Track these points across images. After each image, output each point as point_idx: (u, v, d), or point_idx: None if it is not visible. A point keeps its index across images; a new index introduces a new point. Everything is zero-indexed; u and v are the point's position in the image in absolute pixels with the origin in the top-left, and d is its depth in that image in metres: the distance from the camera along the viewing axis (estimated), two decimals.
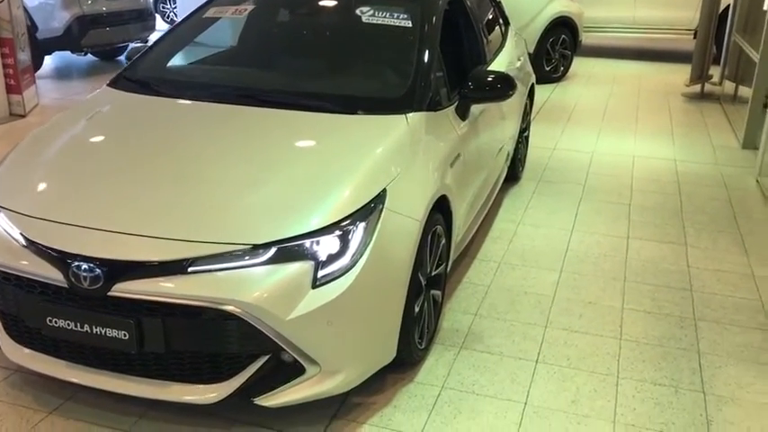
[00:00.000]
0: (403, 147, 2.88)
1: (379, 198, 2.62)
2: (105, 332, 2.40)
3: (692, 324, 3.47)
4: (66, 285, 2.41)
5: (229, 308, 2.31)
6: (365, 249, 2.51)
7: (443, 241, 3.18)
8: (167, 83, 3.41)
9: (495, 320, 3.45)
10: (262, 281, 2.35)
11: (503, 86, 3.46)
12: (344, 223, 2.49)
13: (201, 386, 2.47)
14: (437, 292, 3.22)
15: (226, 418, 2.69)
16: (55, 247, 2.43)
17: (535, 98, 5.89)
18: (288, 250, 2.41)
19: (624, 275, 3.95)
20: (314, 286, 2.42)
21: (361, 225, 2.52)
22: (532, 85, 5.40)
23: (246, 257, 2.38)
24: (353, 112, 3.06)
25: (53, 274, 2.42)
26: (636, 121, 7.29)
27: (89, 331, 2.41)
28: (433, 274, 3.11)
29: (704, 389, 2.98)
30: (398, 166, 2.78)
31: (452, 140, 3.26)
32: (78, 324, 2.42)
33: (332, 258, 2.46)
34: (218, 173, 2.66)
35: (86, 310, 2.41)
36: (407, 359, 2.96)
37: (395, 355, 2.78)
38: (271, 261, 2.39)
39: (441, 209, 3.12)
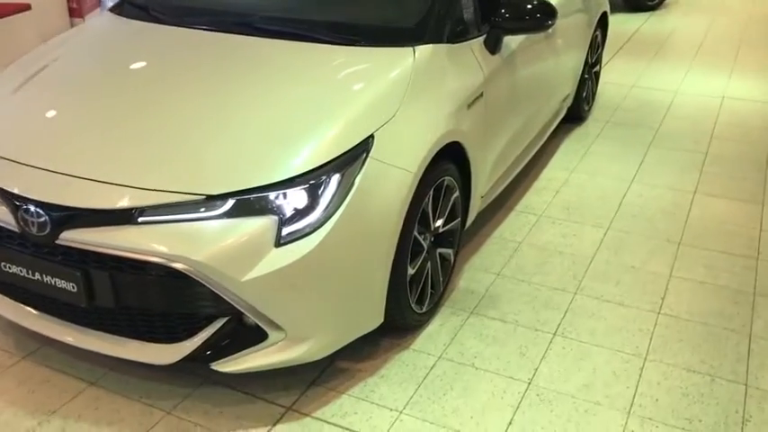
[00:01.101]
0: (403, 85, 2.50)
1: (364, 145, 2.29)
2: (55, 282, 2.22)
3: (750, 300, 2.99)
4: (17, 230, 2.23)
5: (178, 265, 2.07)
6: (340, 204, 2.20)
7: (456, 194, 2.82)
8: (164, 8, 3.12)
9: (519, 283, 3.08)
10: (216, 236, 2.09)
11: (541, 15, 2.99)
12: (315, 174, 2.18)
13: (156, 346, 2.27)
14: (447, 251, 2.88)
15: (197, 374, 2.50)
16: (4, 187, 2.25)
17: (624, 28, 5.27)
18: (247, 203, 2.14)
19: (681, 237, 3.46)
20: (277, 244, 2.14)
21: (335, 177, 2.20)
22: (604, 13, 4.79)
23: (201, 209, 2.12)
24: (354, 44, 2.69)
25: (5, 217, 2.26)
26: (735, 57, 6.49)
27: (41, 280, 2.25)
28: (441, 230, 2.77)
29: (747, 380, 2.54)
30: (394, 108, 2.42)
31: (473, 78, 2.84)
32: (30, 272, 2.26)
33: (299, 214, 2.16)
34: (184, 112, 2.39)
35: (37, 258, 2.24)
36: (401, 325, 2.67)
37: (382, 320, 2.49)
38: (228, 214, 2.12)
39: (454, 157, 2.75)
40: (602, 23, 4.84)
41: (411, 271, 2.57)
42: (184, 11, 3.10)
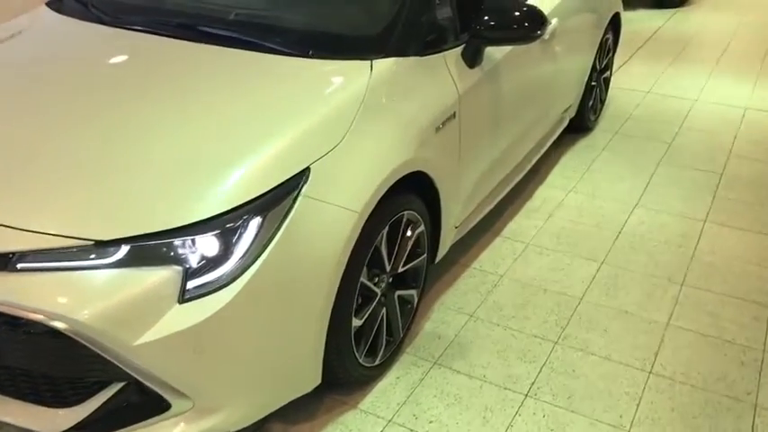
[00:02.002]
0: (353, 106, 2.13)
1: (296, 181, 1.92)
2: None
3: (758, 361, 2.59)
4: None
5: (59, 324, 1.73)
6: (261, 252, 1.85)
7: (421, 228, 2.45)
8: (103, 4, 2.76)
9: (494, 327, 2.71)
10: (106, 290, 1.75)
11: (530, 24, 2.59)
12: (230, 217, 1.82)
13: (44, 410, 1.93)
14: (409, 292, 2.52)
15: None
16: None
17: (644, 27, 4.84)
18: (145, 250, 1.79)
19: (684, 276, 3.06)
20: (181, 300, 1.79)
21: (255, 220, 1.84)
22: (617, 14, 4.36)
23: (91, 256, 1.77)
24: (304, 55, 2.32)
25: None
26: (762, 62, 6.01)
27: None
28: (401, 270, 2.41)
29: None
30: (339, 135, 2.05)
31: (444, 96, 2.46)
32: None
33: (209, 264, 1.81)
34: (87, 137, 2.03)
35: None
36: (345, 382, 2.31)
37: (319, 381, 2.14)
38: (121, 263, 1.77)
39: (418, 187, 2.38)
40: (614, 25, 4.41)
41: (357, 323, 2.22)
42: (124, 8, 2.74)
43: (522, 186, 3.72)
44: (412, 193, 2.37)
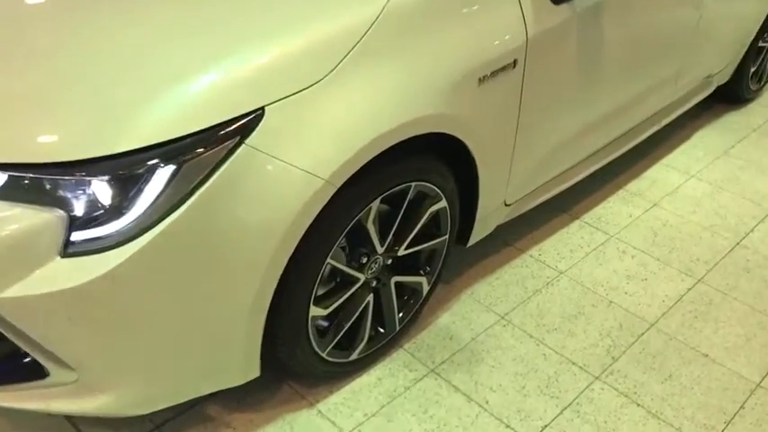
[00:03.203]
0: (349, 37, 1.58)
1: (239, 124, 1.44)
2: None
3: None
4: None
5: None
6: (172, 211, 1.40)
7: (440, 205, 1.91)
8: None
9: (524, 338, 2.15)
10: None
11: None
12: (127, 161, 1.38)
13: None
14: (414, 280, 2.01)
15: None
16: None
17: None
18: (23, 184, 1.39)
19: None
20: (63, 254, 1.40)
21: (165, 170, 1.39)
22: None
23: None
24: None
25: None
26: None
27: None
28: (402, 253, 1.90)
29: None
30: (316, 73, 1.53)
31: (502, 36, 1.84)
32: None
33: (103, 216, 1.39)
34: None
35: None
36: (304, 375, 1.88)
37: (257, 373, 1.71)
38: None
39: (446, 151, 1.84)
40: None
41: (319, 312, 1.75)
42: None
43: (628, 161, 3.01)
44: (431, 160, 1.82)
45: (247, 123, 1.44)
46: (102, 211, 1.39)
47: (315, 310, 1.72)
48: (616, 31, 2.23)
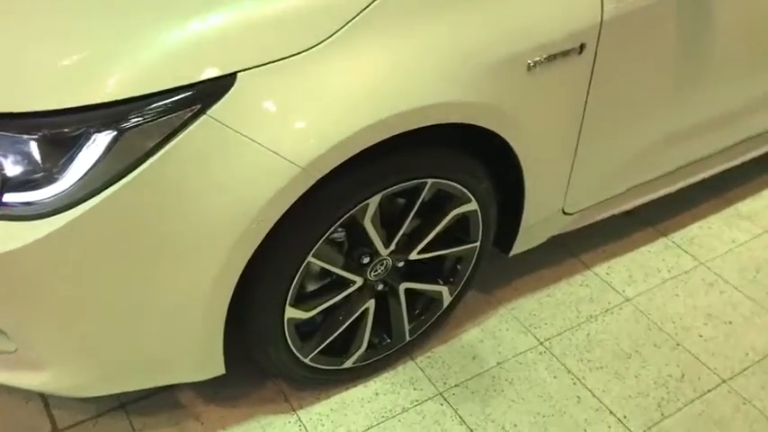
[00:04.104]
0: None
1: (200, 92, 1.21)
2: None
3: None
4: None
5: None
6: (110, 184, 1.21)
7: (468, 208, 1.62)
8: None
9: (561, 373, 1.83)
10: None
11: None
12: (58, 121, 1.19)
13: None
14: (432, 289, 1.74)
15: None
16: None
17: None
18: None
19: None
20: None
21: (105, 135, 1.19)
22: None
23: None
24: None
25: None
26: None
27: None
28: (415, 257, 1.63)
29: None
30: (307, 39, 1.27)
31: (568, 12, 1.48)
32: None
33: (31, 178, 1.22)
34: None
35: None
36: (283, 377, 1.67)
37: (221, 371, 1.51)
38: None
39: (481, 145, 1.54)
40: None
41: (299, 314, 1.52)
42: None
43: (742, 173, 2.54)
44: (455, 154, 1.52)
45: (211, 91, 1.21)
46: (36, 175, 1.22)
47: (293, 312, 1.49)
48: (732, 15, 1.79)
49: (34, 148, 1.20)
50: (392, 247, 1.57)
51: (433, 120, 1.38)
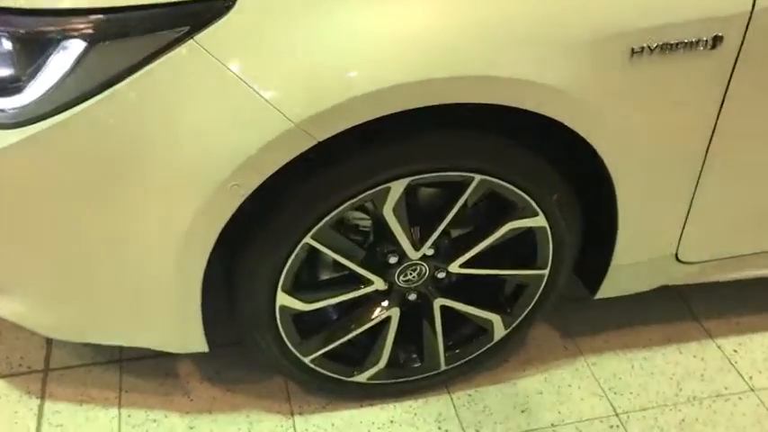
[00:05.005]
0: None
1: (186, 12, 1.02)
2: None
3: None
4: None
5: None
6: (84, 99, 1.05)
7: (532, 223, 1.29)
8: None
9: None
10: None
11: None
12: (27, 21, 1.04)
13: None
14: (480, 314, 1.43)
15: None
16: None
17: None
18: None
19: None
20: None
21: (74, 45, 1.03)
22: None
23: None
24: None
25: None
26: None
27: None
28: (458, 270, 1.34)
29: None
30: None
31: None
32: None
33: (4, 85, 1.10)
34: None
35: None
36: (278, 372, 1.45)
37: (203, 348, 1.31)
38: None
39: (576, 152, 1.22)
40: None
41: (296, 304, 1.28)
42: None
43: None
44: (520, 148, 1.21)
45: (202, 12, 1.01)
46: (2, 83, 1.09)
47: (287, 300, 1.26)
48: None
49: (3, 53, 1.07)
50: (425, 250, 1.28)
51: (485, 97, 1.08)
